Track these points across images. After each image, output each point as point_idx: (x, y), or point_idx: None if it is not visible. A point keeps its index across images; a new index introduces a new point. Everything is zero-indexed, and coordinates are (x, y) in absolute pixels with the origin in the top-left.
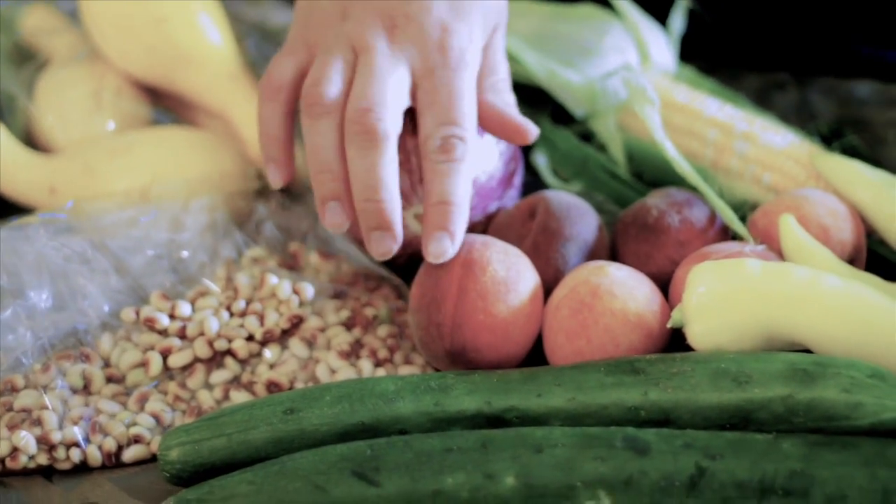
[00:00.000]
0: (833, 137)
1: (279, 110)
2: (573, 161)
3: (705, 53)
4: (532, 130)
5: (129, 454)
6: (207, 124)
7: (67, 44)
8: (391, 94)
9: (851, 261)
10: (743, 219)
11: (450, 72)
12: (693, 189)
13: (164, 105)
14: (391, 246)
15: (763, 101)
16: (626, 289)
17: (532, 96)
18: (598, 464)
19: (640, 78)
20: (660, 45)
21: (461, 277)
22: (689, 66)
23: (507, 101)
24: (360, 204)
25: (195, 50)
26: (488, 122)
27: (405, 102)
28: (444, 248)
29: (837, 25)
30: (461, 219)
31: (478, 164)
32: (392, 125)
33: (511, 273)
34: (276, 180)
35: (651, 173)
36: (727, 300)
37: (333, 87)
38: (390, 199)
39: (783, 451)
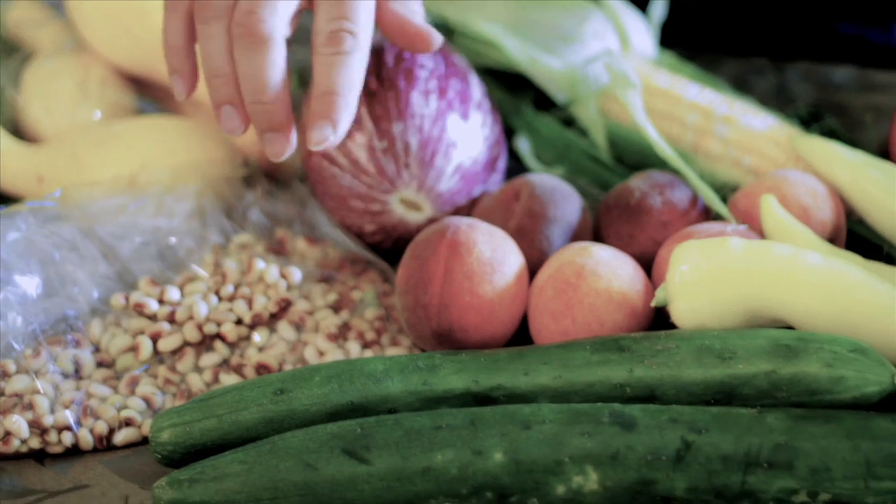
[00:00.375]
0: (811, 120)
1: (180, 20)
2: (555, 146)
3: (684, 40)
4: (434, 38)
5: (121, 437)
6: (191, 113)
7: (53, 35)
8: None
9: (832, 240)
10: (724, 201)
11: None
12: (675, 171)
13: (149, 95)
14: (284, 146)
15: (742, 86)
16: (610, 269)
17: (513, 82)
18: (585, 439)
19: (623, 63)
20: (640, 31)
21: (448, 259)
22: (669, 52)
23: (411, 10)
24: (250, 107)
25: None
26: (389, 27)
27: (294, 5)
28: (325, 135)
29: (817, 5)
30: (345, 109)
31: (463, 149)
32: (278, 26)
33: (497, 254)
34: (180, 92)
35: (632, 157)
36: (710, 278)
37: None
38: (278, 100)
39: (767, 425)
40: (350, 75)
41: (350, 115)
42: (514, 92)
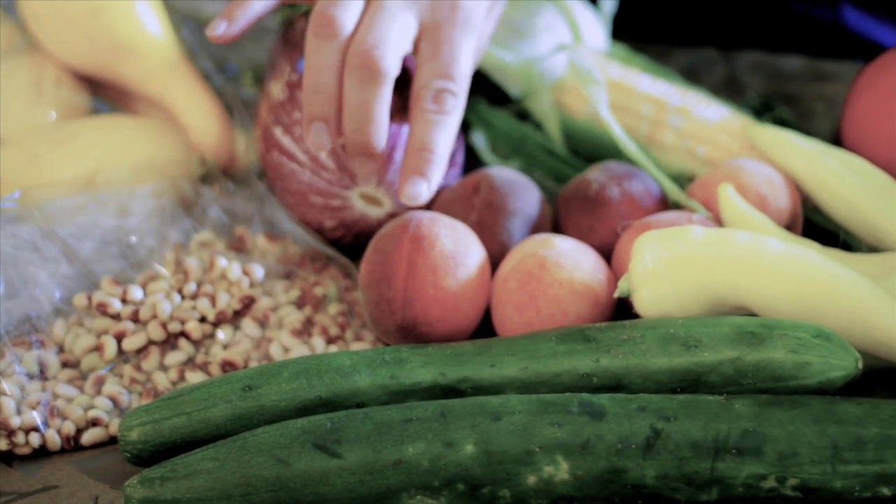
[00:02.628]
0: (763, 110)
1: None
2: (511, 140)
3: (633, 31)
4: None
5: (88, 437)
6: (147, 113)
7: (5, 36)
8: (396, 37)
9: (789, 228)
10: (682, 190)
11: (456, 29)
12: (631, 162)
13: (104, 95)
14: (423, 192)
15: (692, 77)
16: (572, 259)
17: (472, 78)
18: (555, 429)
19: (584, 57)
20: (591, 24)
21: (410, 252)
22: (620, 44)
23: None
24: (352, 134)
25: (134, 39)
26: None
27: (407, 48)
28: (419, 191)
29: None
30: (439, 169)
31: None
32: (393, 66)
33: (459, 247)
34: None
35: (586, 150)
36: (673, 267)
37: (348, 14)
38: (378, 133)
39: (735, 411)
40: (448, 136)
41: (442, 173)
42: (471, 89)
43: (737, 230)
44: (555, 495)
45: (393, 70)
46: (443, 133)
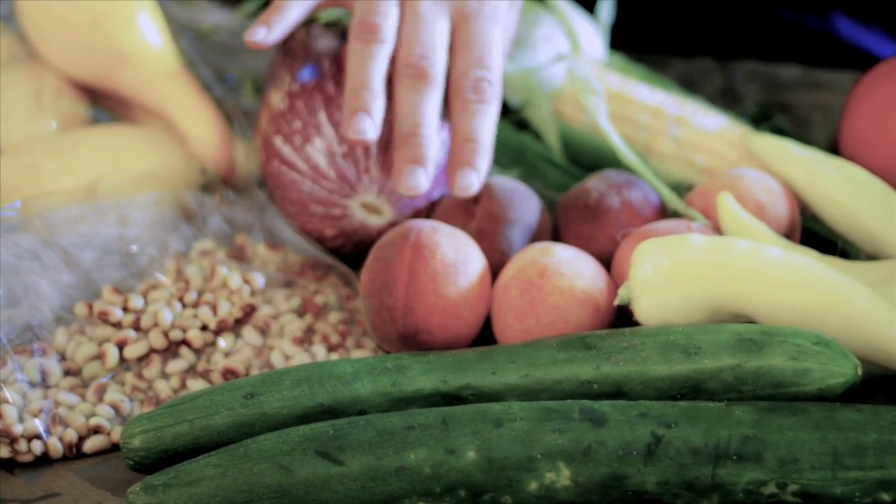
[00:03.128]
0: (761, 119)
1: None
2: (510, 149)
3: (630, 41)
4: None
5: (90, 444)
6: (146, 122)
7: (5, 46)
8: (439, 41)
9: (787, 236)
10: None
11: (485, 20)
12: (630, 171)
13: (103, 104)
14: (422, 181)
15: (689, 86)
16: (572, 267)
17: None
18: (556, 436)
19: (583, 67)
20: (589, 34)
21: (411, 261)
22: (618, 54)
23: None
24: (404, 137)
25: (134, 49)
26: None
27: (447, 47)
28: (469, 182)
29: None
30: (486, 158)
31: None
32: (441, 72)
33: (460, 256)
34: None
35: (585, 159)
36: (673, 275)
37: (388, 21)
38: (431, 138)
39: (735, 418)
40: (490, 124)
41: (489, 161)
42: None
43: (736, 238)
44: (556, 502)
45: (441, 76)
46: (485, 122)
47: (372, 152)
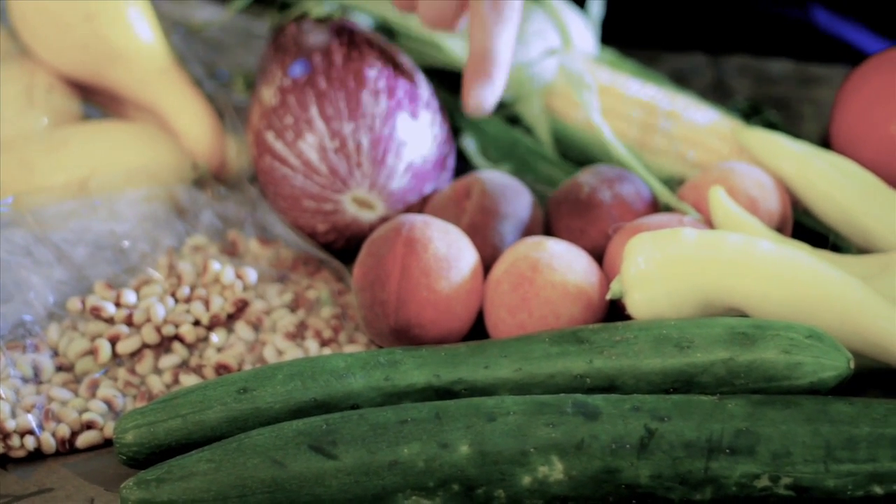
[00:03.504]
0: (752, 114)
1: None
2: (501, 144)
3: (621, 36)
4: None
5: (83, 440)
6: (137, 118)
7: None
8: None
9: (779, 230)
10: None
11: None
12: (622, 165)
13: (95, 101)
14: (489, 100)
15: (680, 82)
16: (564, 262)
17: (457, 82)
18: (549, 429)
19: (575, 62)
20: (580, 29)
21: (404, 255)
22: (609, 49)
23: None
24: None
25: (125, 46)
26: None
27: None
28: (485, 95)
29: None
30: (503, 71)
31: (413, 148)
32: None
33: (452, 250)
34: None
35: (576, 154)
36: (665, 268)
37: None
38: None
39: (728, 411)
40: (508, 39)
41: (505, 78)
42: (458, 92)
43: (728, 232)
44: (549, 495)
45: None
46: (502, 36)
47: (364, 147)
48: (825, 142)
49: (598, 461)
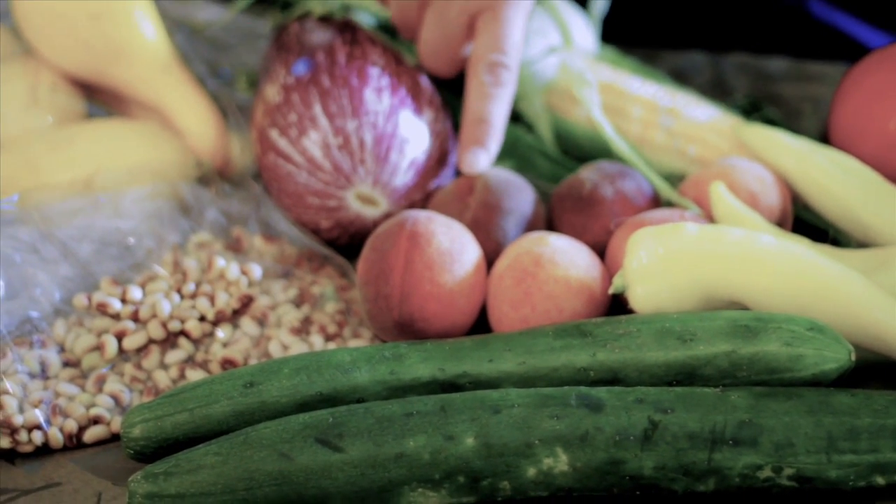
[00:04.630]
0: (751, 111)
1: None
2: (503, 141)
3: (621, 35)
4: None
5: (90, 435)
6: (141, 117)
7: (1, 42)
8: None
9: (779, 225)
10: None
11: (509, 7)
12: (623, 162)
13: (99, 99)
14: (483, 162)
15: (680, 79)
16: (567, 257)
17: (460, 80)
18: (554, 422)
19: (576, 60)
20: (581, 27)
21: (407, 250)
22: (609, 47)
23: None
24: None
25: (129, 44)
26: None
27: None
28: (478, 160)
29: None
30: (496, 138)
31: (416, 145)
32: (516, 75)
33: (455, 245)
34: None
35: (577, 151)
36: (667, 263)
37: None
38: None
39: (731, 403)
40: (503, 107)
41: (499, 143)
42: (460, 91)
43: (729, 226)
44: (554, 487)
45: (515, 79)
46: (498, 105)
47: (367, 144)
48: (824, 138)
49: (603, 453)
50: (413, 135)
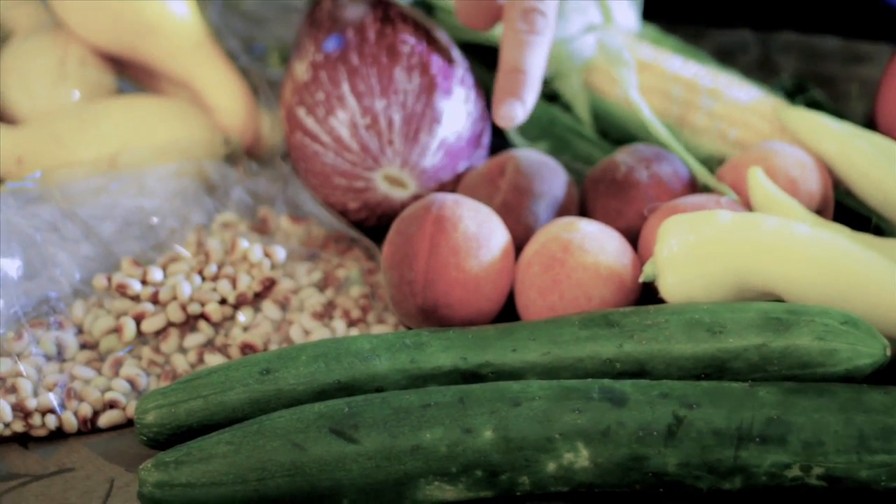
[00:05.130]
0: (796, 92)
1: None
2: (539, 122)
3: (666, 12)
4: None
5: (105, 419)
6: (171, 93)
7: (29, 15)
8: None
9: (819, 212)
10: (712, 173)
11: None
12: (660, 145)
13: (128, 75)
14: (518, 113)
15: (726, 58)
16: (596, 243)
17: (495, 58)
18: (575, 415)
19: (615, 38)
20: (622, 4)
21: (433, 234)
22: (652, 25)
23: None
24: (507, 71)
25: (159, 19)
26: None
27: None
28: (514, 112)
29: None
30: (533, 89)
31: (447, 125)
32: (553, 22)
33: (483, 229)
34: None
35: (616, 132)
36: (699, 251)
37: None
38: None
39: (759, 399)
40: (539, 56)
41: (536, 94)
42: (495, 68)
43: (764, 215)
44: (575, 482)
45: (552, 26)
46: (534, 53)
47: (395, 124)
48: (871, 121)
49: (625, 448)
50: (443, 115)
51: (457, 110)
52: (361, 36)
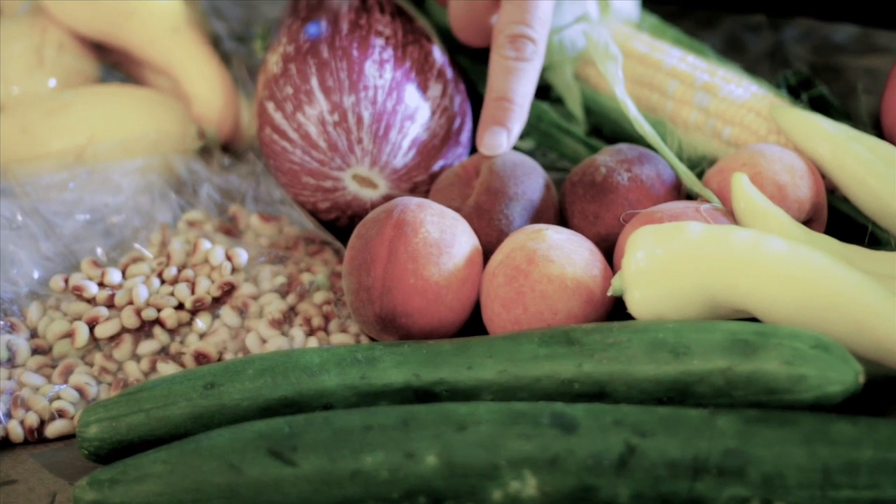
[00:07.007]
0: (801, 88)
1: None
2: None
3: None
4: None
5: (53, 429)
6: (155, 81)
7: None
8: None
9: (810, 220)
10: (701, 175)
11: None
12: (647, 144)
13: (111, 61)
14: (503, 143)
15: (736, 45)
16: (563, 253)
17: (485, 49)
18: (522, 442)
19: (601, 31)
20: None
21: (392, 239)
22: (661, 8)
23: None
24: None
25: (136, 3)
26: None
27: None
28: (499, 141)
29: None
30: (520, 118)
31: (420, 122)
32: (543, 50)
33: (445, 235)
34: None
35: (610, 127)
36: (667, 266)
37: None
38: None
39: (718, 428)
40: (527, 84)
41: (522, 123)
42: (484, 60)
43: (737, 228)
44: None
45: (542, 54)
46: (522, 81)
47: (364, 121)
48: (878, 116)
49: (574, 478)
50: (417, 111)
51: (432, 106)
52: (335, 27)
